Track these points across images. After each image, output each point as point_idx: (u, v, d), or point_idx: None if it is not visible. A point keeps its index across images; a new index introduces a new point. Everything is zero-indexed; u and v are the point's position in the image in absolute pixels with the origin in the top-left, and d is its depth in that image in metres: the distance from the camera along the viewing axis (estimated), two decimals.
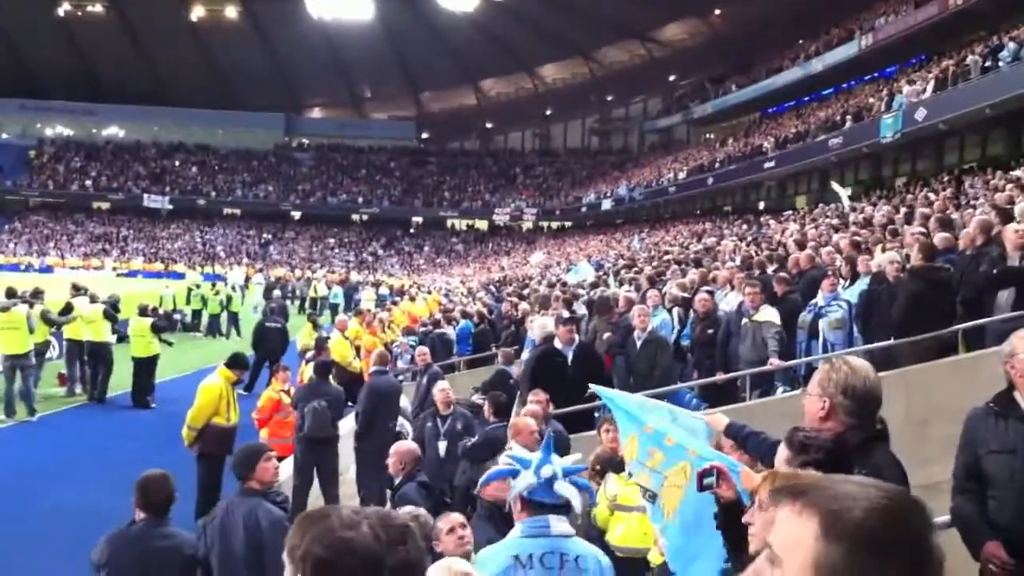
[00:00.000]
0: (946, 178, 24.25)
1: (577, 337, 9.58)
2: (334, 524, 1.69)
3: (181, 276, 46.27)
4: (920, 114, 26.44)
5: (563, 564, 3.56)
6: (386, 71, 72.96)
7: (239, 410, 10.22)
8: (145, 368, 16.25)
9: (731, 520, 3.27)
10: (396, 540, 1.64)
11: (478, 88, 76.73)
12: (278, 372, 11.64)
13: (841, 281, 9.76)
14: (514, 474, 3.71)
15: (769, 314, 9.05)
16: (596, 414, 8.37)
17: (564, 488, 3.61)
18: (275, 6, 66.67)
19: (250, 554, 5.32)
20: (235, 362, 10.35)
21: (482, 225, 70.75)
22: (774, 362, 8.69)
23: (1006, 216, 9.48)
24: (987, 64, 24.53)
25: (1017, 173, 18.27)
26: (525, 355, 11.00)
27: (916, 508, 1.31)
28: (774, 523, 1.37)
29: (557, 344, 9.23)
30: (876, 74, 40.36)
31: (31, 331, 14.75)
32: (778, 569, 1.32)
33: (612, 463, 6.59)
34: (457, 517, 4.84)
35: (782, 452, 3.13)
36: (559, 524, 3.66)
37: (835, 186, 23.26)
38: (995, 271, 7.81)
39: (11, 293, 15.38)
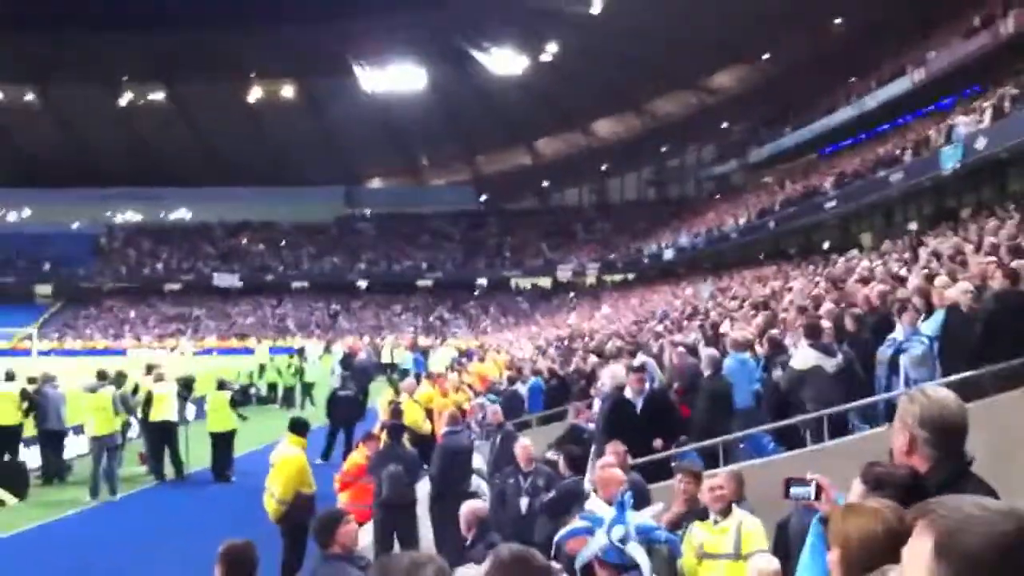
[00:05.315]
0: (1012, 206, 23.76)
1: (647, 386, 9.55)
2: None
3: (251, 351, 46.74)
4: (980, 143, 26.04)
5: None
6: (441, 137, 74.10)
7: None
8: (224, 442, 16.49)
9: None
10: None
11: (532, 148, 77.52)
12: (369, 441, 11.46)
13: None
14: (589, 532, 3.74)
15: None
16: (672, 463, 8.30)
17: (635, 550, 3.64)
18: (329, 83, 68.47)
19: None
20: (295, 426, 10.40)
21: (545, 283, 70.76)
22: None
23: None
24: None
25: None
26: (596, 407, 10.97)
27: None
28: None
29: (627, 393, 9.20)
30: (932, 107, 39.91)
31: (116, 412, 15.16)
32: None
33: (696, 512, 6.54)
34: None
35: (856, 488, 3.03)
36: None
37: None
38: None
39: (102, 375, 15.93)
